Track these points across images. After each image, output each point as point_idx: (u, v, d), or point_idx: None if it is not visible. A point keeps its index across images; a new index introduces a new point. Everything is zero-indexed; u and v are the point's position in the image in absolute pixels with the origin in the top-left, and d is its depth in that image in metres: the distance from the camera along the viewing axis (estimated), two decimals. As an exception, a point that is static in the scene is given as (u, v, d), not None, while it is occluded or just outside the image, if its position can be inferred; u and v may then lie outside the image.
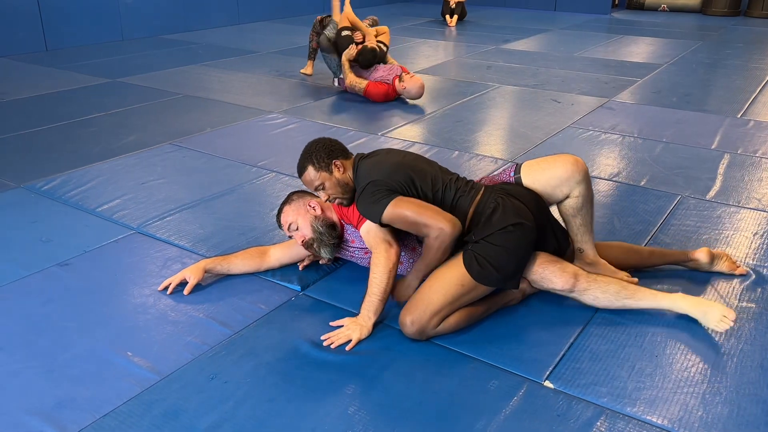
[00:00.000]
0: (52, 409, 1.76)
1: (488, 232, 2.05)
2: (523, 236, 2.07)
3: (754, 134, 4.15)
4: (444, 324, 2.03)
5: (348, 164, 2.20)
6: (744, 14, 10.51)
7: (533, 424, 1.71)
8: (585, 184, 2.16)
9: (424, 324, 2.00)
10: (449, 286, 2.02)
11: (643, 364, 1.94)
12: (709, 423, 1.71)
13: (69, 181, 3.31)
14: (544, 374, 1.89)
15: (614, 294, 2.12)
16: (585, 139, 4.06)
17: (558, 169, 2.16)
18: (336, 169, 2.17)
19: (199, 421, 1.72)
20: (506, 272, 2.05)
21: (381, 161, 2.18)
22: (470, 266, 2.02)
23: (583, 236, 2.25)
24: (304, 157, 2.20)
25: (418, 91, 4.82)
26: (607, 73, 6.00)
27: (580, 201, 2.18)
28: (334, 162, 2.16)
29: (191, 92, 5.16)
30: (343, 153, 2.21)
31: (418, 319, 2.00)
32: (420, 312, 2.00)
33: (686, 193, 3.19)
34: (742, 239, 2.73)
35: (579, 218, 2.21)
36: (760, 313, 2.20)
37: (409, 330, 2.01)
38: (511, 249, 2.05)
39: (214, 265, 2.37)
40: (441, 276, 2.05)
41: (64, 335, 2.08)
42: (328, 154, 2.17)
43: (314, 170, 2.17)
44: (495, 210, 2.08)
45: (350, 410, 1.76)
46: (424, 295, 2.03)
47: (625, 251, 2.40)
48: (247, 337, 2.07)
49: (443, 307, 2.01)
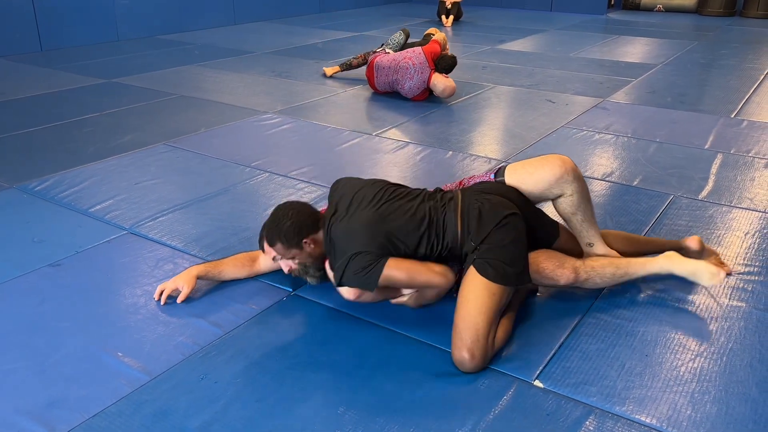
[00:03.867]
0: (42, 409, 1.76)
1: (484, 234, 2.03)
2: (517, 226, 2.07)
3: (748, 134, 4.16)
4: (497, 341, 1.97)
5: (318, 237, 2.14)
6: (740, 14, 10.54)
7: (523, 424, 1.71)
8: (577, 182, 2.15)
9: (484, 350, 1.89)
10: (484, 302, 1.93)
11: (632, 363, 1.95)
12: (698, 422, 1.72)
13: (62, 182, 3.31)
14: (534, 374, 1.90)
15: (611, 276, 2.20)
16: (579, 139, 4.07)
17: (545, 172, 2.14)
18: (307, 246, 2.13)
19: (189, 421, 1.72)
20: (519, 266, 2.03)
21: (353, 224, 2.05)
22: (486, 273, 1.97)
23: (588, 231, 2.25)
24: (273, 232, 2.12)
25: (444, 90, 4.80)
26: (602, 73, 6.01)
27: (576, 198, 2.16)
28: (305, 241, 2.12)
29: (186, 92, 5.16)
30: (313, 225, 2.13)
31: (478, 348, 1.87)
32: (474, 341, 1.88)
33: (679, 193, 3.20)
34: (733, 239, 2.74)
35: (579, 215, 2.20)
36: (749, 312, 2.21)
37: (473, 364, 1.87)
38: (513, 242, 2.04)
39: (206, 272, 2.32)
40: (470, 298, 1.95)
41: (56, 335, 2.08)
42: (298, 233, 2.10)
43: (284, 248, 2.13)
44: (481, 210, 2.07)
45: (340, 410, 1.76)
46: (467, 323, 1.90)
47: (622, 241, 2.42)
48: (238, 338, 2.07)
49: (490, 324, 1.92)
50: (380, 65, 4.93)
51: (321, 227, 2.14)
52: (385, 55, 5.02)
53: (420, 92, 4.83)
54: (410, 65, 4.74)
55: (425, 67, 4.73)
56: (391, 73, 4.86)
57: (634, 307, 2.23)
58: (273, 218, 2.15)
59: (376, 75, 4.96)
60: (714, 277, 2.15)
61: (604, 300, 2.26)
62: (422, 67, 4.73)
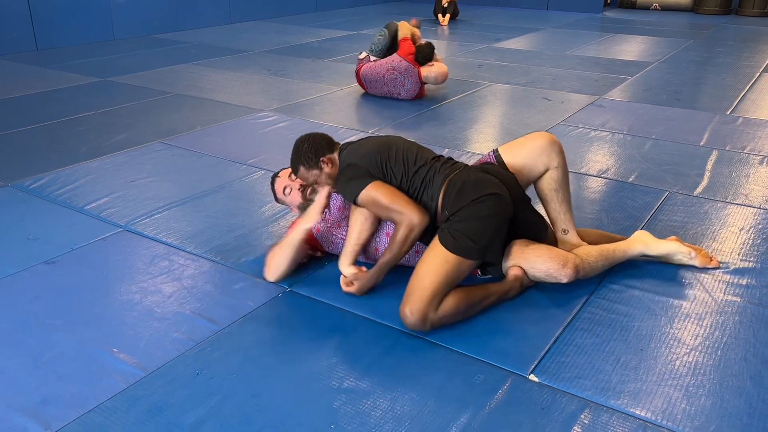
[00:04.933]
0: (36, 406, 1.76)
1: (459, 206, 2.11)
2: (495, 205, 2.11)
3: (743, 131, 4.17)
4: (443, 308, 2.03)
5: (334, 157, 2.30)
6: (736, 12, 10.56)
7: (518, 417, 1.71)
8: (562, 156, 2.33)
9: (423, 309, 2.00)
10: (435, 267, 2.05)
11: (627, 357, 1.95)
12: (692, 415, 1.72)
13: (57, 180, 3.30)
14: (530, 368, 1.90)
15: (601, 266, 2.32)
16: (575, 136, 4.08)
17: (536, 141, 2.32)
18: (325, 165, 2.28)
19: (185, 416, 1.72)
20: (482, 242, 2.08)
21: (361, 146, 2.29)
22: (446, 242, 2.07)
23: (566, 215, 2.36)
24: (295, 158, 2.32)
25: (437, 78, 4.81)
26: (598, 71, 6.02)
27: (560, 173, 2.31)
28: (322, 159, 2.27)
29: (182, 91, 5.15)
30: (329, 147, 2.31)
31: (417, 306, 2.00)
32: (416, 300, 2.01)
33: (674, 189, 3.21)
34: (728, 234, 2.74)
35: (561, 193, 2.33)
36: (744, 307, 2.21)
37: (411, 320, 2.01)
38: (484, 219, 2.09)
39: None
40: (425, 262, 2.09)
41: (50, 332, 2.08)
42: (315, 153, 2.28)
43: (305, 170, 2.30)
44: (465, 184, 2.14)
45: (336, 404, 1.76)
46: (415, 282, 2.05)
47: (599, 237, 2.49)
48: (234, 333, 2.07)
49: (435, 287, 2.02)
50: (367, 78, 4.97)
51: (336, 149, 2.32)
52: (369, 63, 4.99)
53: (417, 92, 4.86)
54: (397, 75, 4.80)
55: (411, 69, 4.78)
56: (381, 86, 4.92)
57: (629, 302, 2.24)
58: (294, 149, 2.32)
59: (367, 86, 5.02)
60: (687, 256, 2.36)
61: (599, 295, 2.27)
62: (408, 72, 4.78)
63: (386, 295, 2.24)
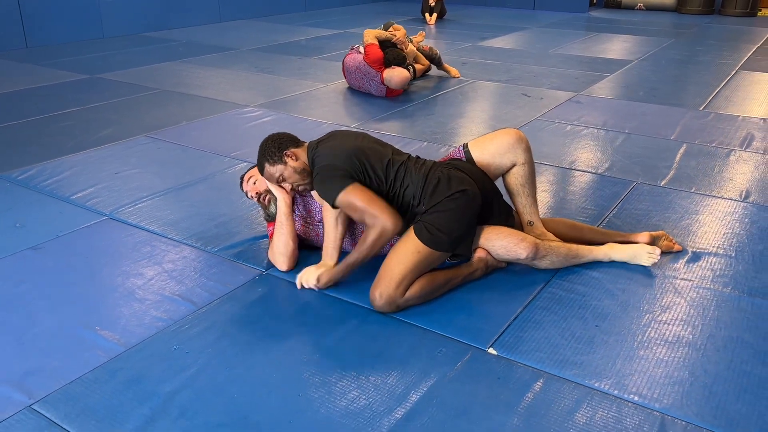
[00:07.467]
0: (20, 377, 1.85)
1: (435, 202, 2.21)
2: (468, 202, 2.23)
3: (714, 126, 4.30)
4: (409, 292, 2.15)
5: (300, 151, 2.32)
6: (719, 12, 10.72)
7: (475, 387, 1.82)
8: (529, 152, 2.42)
9: (391, 294, 2.12)
10: (407, 255, 2.16)
11: (582, 332, 2.06)
12: (640, 384, 1.83)
13: (44, 171, 3.39)
14: (489, 342, 2.01)
15: (564, 257, 2.40)
16: (551, 130, 4.19)
17: (503, 138, 2.41)
18: (289, 159, 2.30)
19: (161, 386, 1.82)
20: (454, 236, 2.20)
21: (337, 146, 2.27)
22: (421, 234, 2.17)
23: (532, 207, 2.46)
24: (259, 156, 2.35)
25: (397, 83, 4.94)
26: (579, 69, 6.14)
27: (527, 168, 2.41)
28: (286, 153, 2.30)
29: (169, 87, 5.24)
30: (293, 142, 2.34)
31: (386, 290, 2.12)
32: (385, 284, 2.13)
33: (640, 180, 3.33)
34: (689, 222, 2.86)
35: (527, 187, 2.43)
36: (698, 288, 2.33)
37: (379, 303, 2.13)
38: (456, 213, 2.21)
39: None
40: (398, 249, 2.19)
41: (34, 312, 2.17)
42: (278, 147, 2.31)
43: (270, 165, 2.32)
44: (440, 181, 2.24)
45: (304, 375, 1.86)
46: (386, 269, 2.16)
47: (566, 226, 2.58)
48: (211, 313, 2.18)
49: (405, 275, 2.14)
50: (346, 68, 5.17)
51: (302, 146, 2.34)
52: (353, 54, 5.16)
53: (387, 90, 4.99)
54: (364, 76, 5.01)
55: (373, 74, 4.95)
56: (354, 79, 5.13)
57: (588, 282, 2.35)
58: (258, 149, 2.36)
59: (347, 76, 5.19)
60: (651, 257, 2.43)
61: (561, 277, 2.38)
62: (371, 75, 4.97)
63: (357, 277, 2.34)
